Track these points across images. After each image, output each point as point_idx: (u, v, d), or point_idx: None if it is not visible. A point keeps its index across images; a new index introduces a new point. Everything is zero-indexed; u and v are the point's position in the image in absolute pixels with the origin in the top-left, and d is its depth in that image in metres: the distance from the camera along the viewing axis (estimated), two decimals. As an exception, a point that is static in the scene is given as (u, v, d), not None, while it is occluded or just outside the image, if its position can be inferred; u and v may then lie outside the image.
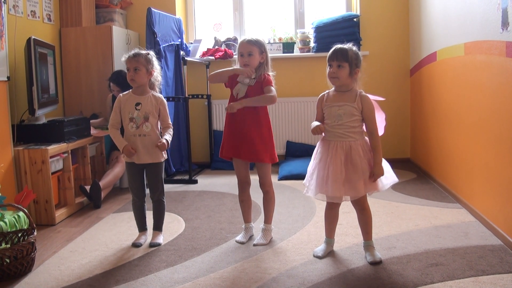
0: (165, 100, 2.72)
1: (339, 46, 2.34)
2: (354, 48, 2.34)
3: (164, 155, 2.70)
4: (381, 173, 2.29)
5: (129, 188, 2.80)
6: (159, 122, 2.70)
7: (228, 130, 2.65)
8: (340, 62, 2.29)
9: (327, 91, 2.42)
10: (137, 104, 2.64)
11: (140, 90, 2.67)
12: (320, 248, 2.49)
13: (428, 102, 4.10)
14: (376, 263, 2.31)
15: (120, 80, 3.83)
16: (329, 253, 2.47)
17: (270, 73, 2.63)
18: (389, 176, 2.37)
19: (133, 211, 2.79)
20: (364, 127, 2.36)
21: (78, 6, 4.25)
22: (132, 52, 2.66)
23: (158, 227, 2.77)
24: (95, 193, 3.52)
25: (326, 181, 2.30)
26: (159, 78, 2.76)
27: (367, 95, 2.34)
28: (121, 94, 2.71)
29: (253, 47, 2.57)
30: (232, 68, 2.63)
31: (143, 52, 2.66)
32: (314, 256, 2.44)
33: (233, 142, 2.63)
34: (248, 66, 2.58)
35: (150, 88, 2.70)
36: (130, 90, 2.70)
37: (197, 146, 5.02)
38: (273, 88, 2.58)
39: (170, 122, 2.73)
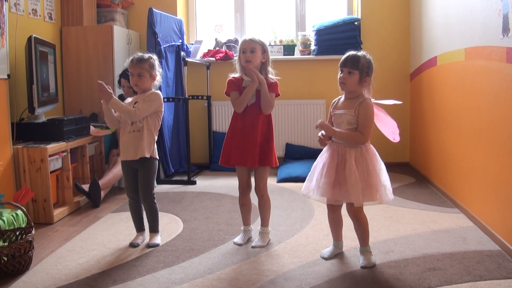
0: (156, 96, 2.62)
1: (353, 53, 2.31)
2: (368, 56, 2.32)
3: (149, 151, 2.59)
4: (326, 129, 2.27)
5: (125, 190, 2.79)
6: (155, 122, 2.64)
7: (236, 136, 2.60)
8: (351, 69, 2.28)
9: (340, 96, 2.42)
10: (136, 102, 2.64)
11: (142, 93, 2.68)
12: (327, 250, 2.51)
13: (428, 106, 4.10)
14: (367, 268, 2.31)
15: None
16: (337, 255, 2.48)
17: (273, 77, 2.59)
18: (389, 193, 2.32)
19: (130, 212, 2.79)
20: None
21: (80, 5, 4.25)
22: (136, 56, 2.61)
23: (153, 229, 2.76)
24: (94, 191, 3.51)
25: (318, 182, 2.33)
26: (160, 79, 2.74)
27: (378, 101, 2.32)
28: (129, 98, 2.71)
29: (256, 44, 2.55)
30: (249, 88, 2.54)
31: (146, 56, 2.62)
32: (320, 257, 2.46)
33: (239, 149, 2.59)
34: (250, 62, 2.53)
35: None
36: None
37: (196, 147, 5.02)
38: (273, 96, 2.58)
39: (139, 110, 2.55)
